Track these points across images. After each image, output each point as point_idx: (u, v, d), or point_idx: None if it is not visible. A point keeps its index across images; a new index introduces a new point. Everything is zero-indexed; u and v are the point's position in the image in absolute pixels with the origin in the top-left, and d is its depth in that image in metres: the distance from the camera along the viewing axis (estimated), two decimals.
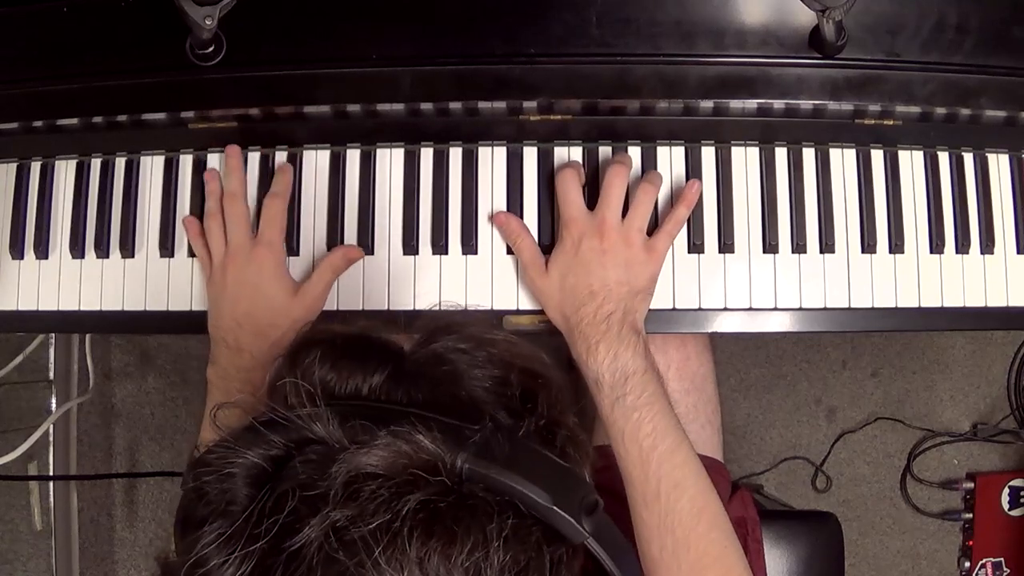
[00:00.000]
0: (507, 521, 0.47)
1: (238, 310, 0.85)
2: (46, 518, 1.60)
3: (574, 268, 0.83)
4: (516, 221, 0.88)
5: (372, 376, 0.53)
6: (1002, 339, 1.70)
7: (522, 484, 0.48)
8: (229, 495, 0.48)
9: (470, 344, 0.56)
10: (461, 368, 0.55)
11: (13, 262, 0.93)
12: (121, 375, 1.73)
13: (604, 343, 0.79)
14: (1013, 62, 0.82)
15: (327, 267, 0.88)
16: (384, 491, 0.45)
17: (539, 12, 0.82)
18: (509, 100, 0.84)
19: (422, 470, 0.46)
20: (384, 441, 0.47)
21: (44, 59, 0.86)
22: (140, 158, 0.93)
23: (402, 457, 0.46)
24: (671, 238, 0.86)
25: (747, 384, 1.71)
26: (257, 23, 0.83)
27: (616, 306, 0.81)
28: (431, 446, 0.47)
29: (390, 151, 0.91)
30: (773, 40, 0.82)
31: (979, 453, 1.70)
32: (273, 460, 0.48)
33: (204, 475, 0.49)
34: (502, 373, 0.55)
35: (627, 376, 0.78)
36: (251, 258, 0.86)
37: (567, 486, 0.50)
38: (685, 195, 0.87)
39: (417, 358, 0.55)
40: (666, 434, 0.77)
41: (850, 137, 0.89)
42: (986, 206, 0.90)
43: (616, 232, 0.83)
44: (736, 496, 1.02)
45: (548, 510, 0.48)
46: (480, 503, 0.47)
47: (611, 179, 0.84)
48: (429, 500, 0.46)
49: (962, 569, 1.66)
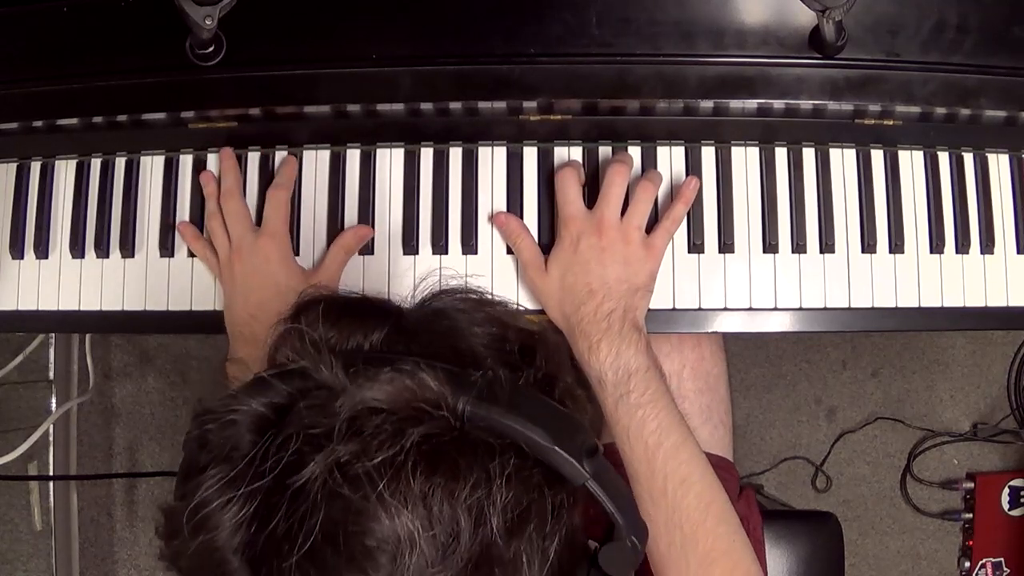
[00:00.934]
0: (509, 461, 0.47)
1: (251, 302, 0.85)
2: (46, 518, 1.60)
3: (573, 266, 0.83)
4: (516, 221, 0.88)
5: (373, 333, 0.53)
6: (1002, 339, 1.70)
7: (524, 424, 0.48)
8: (232, 441, 0.48)
9: (469, 304, 0.57)
10: (461, 325, 0.55)
11: (13, 262, 0.93)
12: (121, 375, 1.73)
13: (605, 341, 0.79)
14: (1013, 62, 0.82)
15: (339, 248, 0.88)
16: (388, 425, 0.46)
17: (539, 12, 0.82)
18: (509, 100, 0.84)
19: (426, 404, 0.47)
20: (388, 376, 0.47)
21: (44, 59, 0.86)
22: (140, 158, 0.93)
23: (406, 391, 0.47)
24: (669, 235, 0.86)
25: (747, 384, 1.71)
26: (257, 23, 0.83)
27: (616, 304, 0.81)
28: (434, 384, 0.48)
29: (390, 151, 0.91)
30: (773, 40, 0.82)
31: (979, 453, 1.70)
32: (276, 408, 0.49)
33: (205, 423, 0.49)
34: (500, 331, 0.56)
35: (630, 374, 0.79)
36: (256, 249, 0.86)
37: (567, 429, 0.50)
38: (683, 192, 0.87)
39: (417, 315, 0.56)
40: (671, 430, 0.78)
41: (850, 137, 0.89)
42: (986, 206, 0.90)
43: (615, 230, 0.83)
44: (742, 496, 1.02)
45: (550, 450, 0.49)
46: (482, 443, 0.48)
47: (611, 178, 0.84)
48: (432, 434, 0.46)
49: (962, 569, 1.66)
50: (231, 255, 0.87)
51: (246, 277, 0.86)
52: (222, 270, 0.88)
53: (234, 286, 0.86)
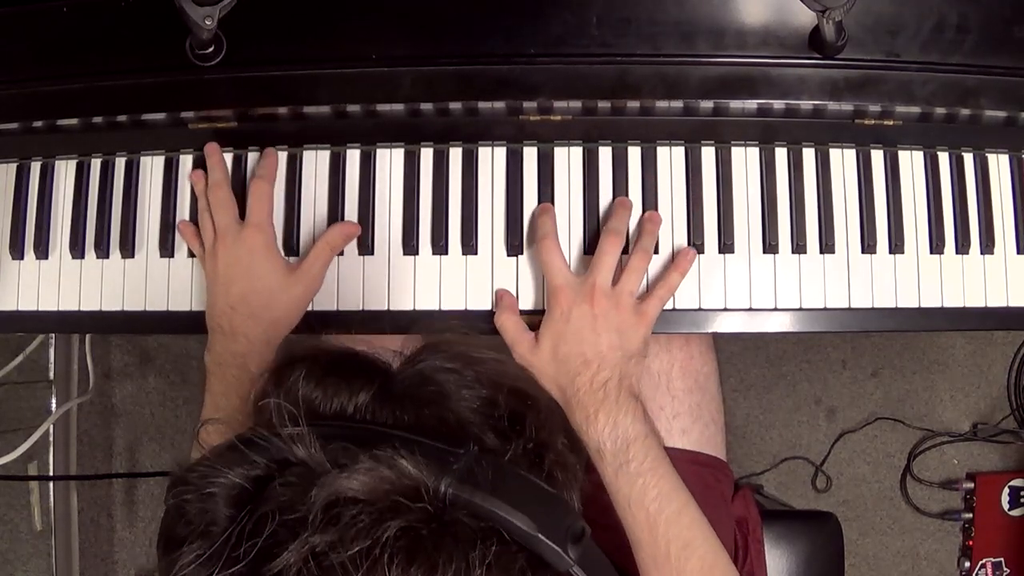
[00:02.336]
0: (491, 548, 0.46)
1: (231, 293, 0.84)
2: (46, 518, 1.60)
3: (566, 337, 0.82)
4: (510, 298, 0.88)
5: (358, 395, 0.52)
6: (1002, 339, 1.70)
7: (506, 511, 0.47)
8: (209, 515, 0.47)
9: (458, 363, 0.55)
10: (448, 389, 0.54)
11: (13, 262, 0.93)
12: (121, 375, 1.73)
13: (603, 411, 0.79)
14: (1013, 62, 0.82)
15: (324, 245, 0.87)
16: (365, 516, 0.44)
17: (539, 12, 0.82)
18: (509, 100, 0.84)
19: (404, 496, 0.45)
20: (365, 465, 0.46)
21: (44, 59, 0.86)
22: (140, 158, 0.93)
23: (384, 482, 0.46)
24: (662, 303, 0.85)
25: (747, 384, 1.71)
26: (257, 23, 0.83)
27: (611, 372, 0.80)
28: (414, 471, 0.46)
29: (390, 151, 0.91)
30: (773, 40, 0.82)
31: (979, 453, 1.70)
32: (254, 480, 0.48)
33: (184, 494, 0.48)
34: (490, 393, 0.54)
35: (628, 443, 0.78)
36: (239, 239, 0.85)
37: (553, 513, 0.49)
38: (679, 262, 0.86)
39: (404, 378, 0.54)
40: (672, 497, 0.77)
41: (850, 137, 0.89)
42: (986, 206, 0.90)
43: (607, 298, 0.82)
44: (738, 496, 1.02)
45: (533, 537, 0.47)
46: (463, 529, 0.46)
47: (605, 247, 0.84)
48: (410, 527, 0.45)
49: (962, 569, 1.66)
50: (216, 244, 0.86)
51: (228, 267, 0.85)
52: (207, 260, 0.87)
53: (216, 275, 0.86)
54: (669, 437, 0.98)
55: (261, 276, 0.85)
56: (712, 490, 0.98)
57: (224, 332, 0.84)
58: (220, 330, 0.84)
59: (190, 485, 0.48)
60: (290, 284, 0.86)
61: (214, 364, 0.85)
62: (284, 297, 0.85)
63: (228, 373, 0.83)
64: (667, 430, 0.98)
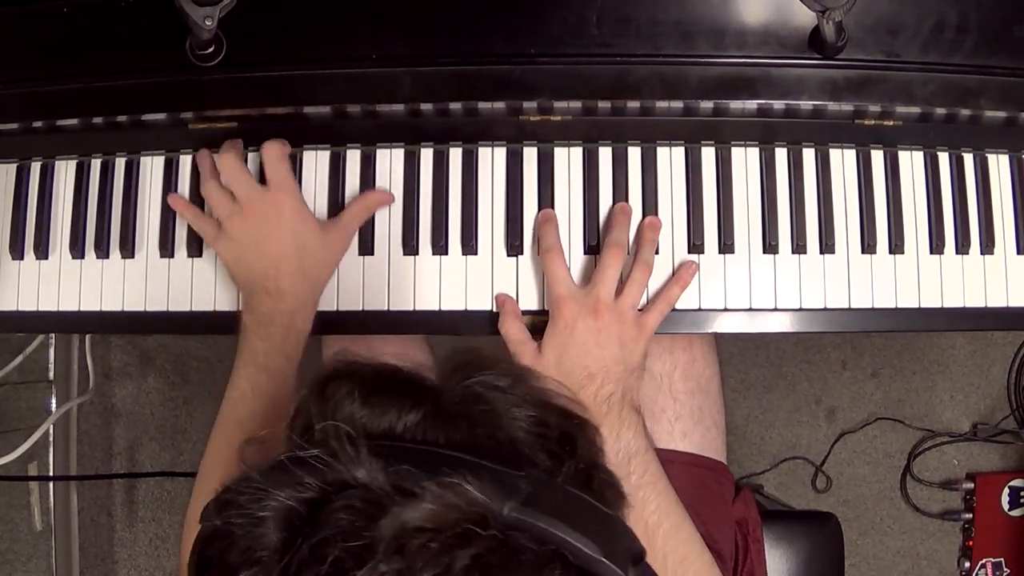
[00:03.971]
0: (554, 572, 0.45)
1: (270, 254, 0.84)
2: (46, 518, 1.60)
3: (569, 349, 0.82)
4: (512, 304, 0.88)
5: (407, 414, 0.50)
6: (1002, 339, 1.70)
7: (571, 535, 0.45)
8: (262, 541, 0.45)
9: (506, 381, 0.53)
10: (500, 408, 0.52)
11: (13, 262, 0.93)
12: (121, 375, 1.73)
13: (606, 425, 0.79)
14: (1013, 62, 0.82)
15: (361, 206, 0.88)
16: (434, 544, 0.43)
17: (539, 12, 0.82)
18: (509, 100, 0.84)
19: (473, 523, 0.44)
20: (434, 491, 0.44)
21: (44, 59, 0.86)
22: (140, 158, 0.93)
23: (452, 510, 0.44)
24: (662, 316, 0.85)
25: (747, 384, 1.71)
26: (257, 23, 0.83)
27: (615, 386, 0.80)
28: (481, 497, 0.45)
29: (390, 151, 0.91)
30: (773, 40, 0.82)
31: (979, 453, 1.70)
32: (307, 503, 0.46)
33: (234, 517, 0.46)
34: (540, 413, 0.53)
35: (630, 456, 0.78)
36: (269, 202, 0.85)
37: (613, 535, 0.48)
38: (680, 275, 0.87)
39: (453, 396, 0.53)
40: (670, 511, 0.78)
41: (850, 137, 0.89)
42: (986, 206, 0.90)
43: (610, 311, 0.82)
44: (739, 497, 1.02)
45: (597, 561, 0.46)
46: (528, 554, 0.45)
47: (608, 260, 0.84)
48: (480, 555, 0.43)
49: (962, 569, 1.66)
50: (243, 208, 0.85)
51: (259, 230, 0.85)
52: (225, 227, 0.86)
53: (244, 242, 0.85)
54: (671, 440, 0.98)
55: (301, 233, 0.85)
56: (713, 493, 0.98)
57: (270, 292, 0.84)
58: (265, 291, 0.84)
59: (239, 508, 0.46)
60: (329, 240, 0.87)
61: (256, 324, 0.84)
62: (325, 253, 0.87)
63: (275, 332, 0.83)
64: (669, 433, 0.98)
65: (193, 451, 1.73)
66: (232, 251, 0.86)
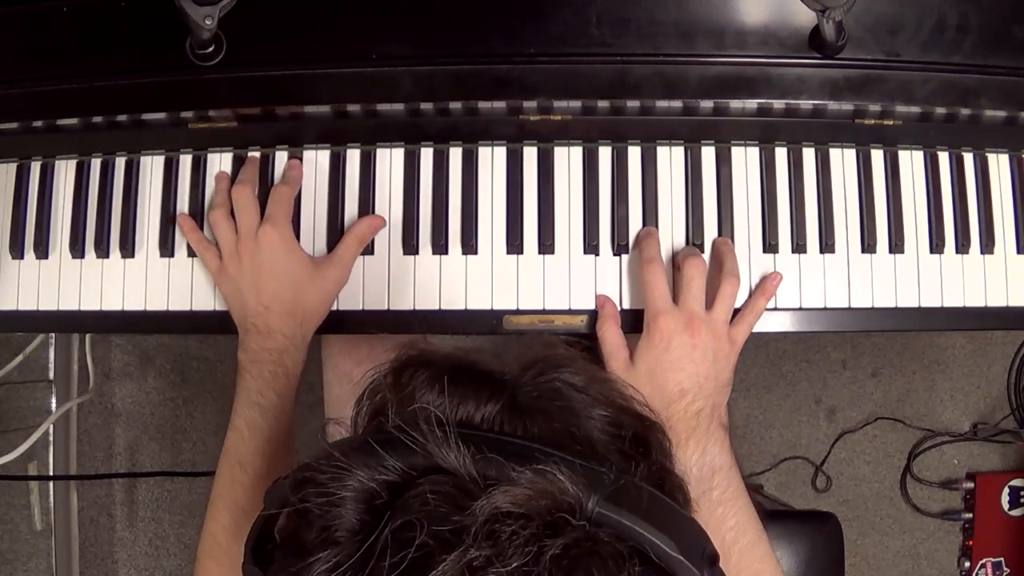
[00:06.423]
0: (635, 569, 0.45)
1: (264, 294, 0.85)
2: (46, 518, 1.60)
3: (663, 363, 0.82)
4: (612, 307, 0.88)
5: (486, 405, 0.50)
6: (1002, 339, 1.70)
7: (652, 532, 0.46)
8: (341, 522, 0.45)
9: (582, 380, 0.54)
10: (577, 405, 0.52)
11: (13, 262, 0.93)
12: (121, 375, 1.73)
13: (694, 439, 0.79)
14: (1013, 62, 0.82)
15: (354, 238, 0.88)
16: (525, 531, 0.43)
17: (539, 12, 0.82)
18: (509, 100, 0.84)
19: (564, 512, 0.44)
20: (528, 478, 0.45)
21: (44, 59, 0.86)
22: (140, 158, 0.93)
23: (544, 498, 0.44)
24: (750, 328, 0.86)
25: (747, 384, 1.71)
26: (257, 23, 0.83)
27: (705, 402, 0.81)
28: (572, 488, 0.45)
29: (390, 151, 0.91)
30: (773, 40, 0.82)
31: (979, 453, 1.70)
32: (388, 486, 0.46)
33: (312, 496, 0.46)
34: (615, 414, 0.53)
35: (714, 471, 0.79)
36: (262, 241, 0.86)
37: (691, 535, 0.48)
38: (765, 287, 0.87)
39: (531, 391, 0.53)
40: (747, 528, 0.78)
41: (850, 137, 0.89)
42: (986, 206, 0.90)
43: (705, 326, 0.82)
44: None
45: (676, 560, 0.46)
46: (611, 549, 0.45)
47: (691, 272, 0.84)
48: (569, 545, 0.44)
49: (962, 569, 1.66)
50: (238, 246, 0.87)
51: (255, 269, 0.86)
52: (226, 261, 0.87)
53: (242, 279, 0.86)
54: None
55: (289, 273, 0.86)
56: None
57: (260, 331, 0.85)
58: (255, 329, 0.85)
59: (318, 485, 0.46)
60: (319, 278, 0.87)
61: (249, 362, 0.85)
62: (315, 291, 0.86)
63: (265, 370, 0.84)
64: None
65: (193, 451, 1.73)
66: (230, 286, 0.88)
